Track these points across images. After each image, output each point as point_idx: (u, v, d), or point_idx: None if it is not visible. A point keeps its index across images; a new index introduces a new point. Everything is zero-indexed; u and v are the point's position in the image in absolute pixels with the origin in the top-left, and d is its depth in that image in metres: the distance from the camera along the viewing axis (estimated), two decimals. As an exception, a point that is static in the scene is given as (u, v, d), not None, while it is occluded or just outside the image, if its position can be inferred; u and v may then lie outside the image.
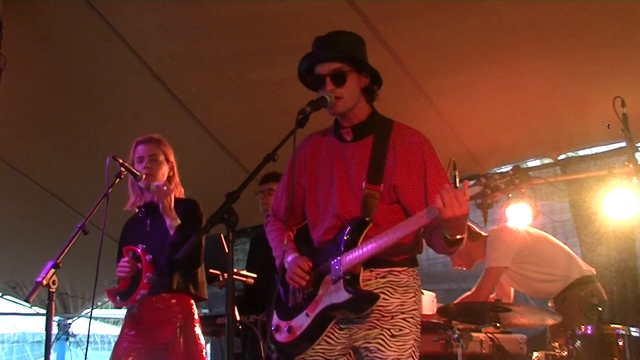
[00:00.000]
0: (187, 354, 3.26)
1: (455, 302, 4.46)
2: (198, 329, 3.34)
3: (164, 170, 3.51)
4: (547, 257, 4.39)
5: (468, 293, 4.51)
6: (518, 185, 2.12)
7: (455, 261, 4.64)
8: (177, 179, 3.58)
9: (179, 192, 3.59)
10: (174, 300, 3.32)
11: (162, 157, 3.50)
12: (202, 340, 3.34)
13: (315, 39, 2.62)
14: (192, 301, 3.39)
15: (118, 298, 3.35)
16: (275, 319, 2.66)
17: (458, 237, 2.28)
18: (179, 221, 3.32)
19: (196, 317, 3.37)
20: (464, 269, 4.66)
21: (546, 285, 4.37)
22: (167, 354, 3.25)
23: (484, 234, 4.53)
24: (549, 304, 4.44)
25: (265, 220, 2.89)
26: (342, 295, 2.41)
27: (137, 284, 3.28)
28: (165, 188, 3.35)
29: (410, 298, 2.49)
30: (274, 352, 2.68)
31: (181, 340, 3.26)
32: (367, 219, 2.46)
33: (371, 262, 2.43)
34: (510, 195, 2.16)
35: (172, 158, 3.56)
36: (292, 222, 2.81)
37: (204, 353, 3.31)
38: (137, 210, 3.60)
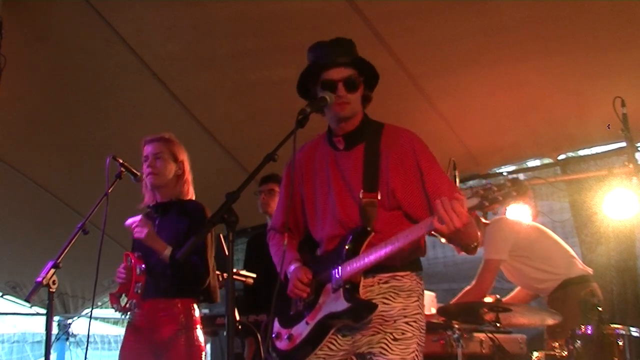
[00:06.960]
0: (188, 355, 3.25)
1: (458, 296, 4.47)
2: (199, 330, 3.33)
3: (170, 169, 3.48)
4: (544, 253, 4.37)
5: (468, 287, 4.51)
6: (516, 197, 2.11)
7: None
8: (187, 177, 3.54)
9: (190, 191, 3.57)
10: (175, 301, 3.31)
11: (167, 156, 3.48)
12: (203, 342, 3.33)
13: (316, 44, 2.60)
14: (194, 303, 3.38)
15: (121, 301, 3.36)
16: (276, 326, 2.66)
17: (473, 245, 2.30)
18: (170, 249, 3.26)
19: (197, 318, 3.36)
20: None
21: (539, 282, 4.35)
22: (168, 354, 3.24)
23: (484, 221, 4.53)
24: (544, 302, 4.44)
25: (268, 235, 2.88)
26: (341, 304, 2.41)
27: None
28: (136, 226, 3.27)
29: (413, 302, 2.48)
30: (275, 359, 2.67)
31: (182, 340, 3.25)
32: (368, 228, 2.45)
33: (373, 267, 2.42)
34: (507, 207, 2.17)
35: (182, 157, 3.53)
36: (295, 233, 2.79)
37: (203, 355, 3.30)
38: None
